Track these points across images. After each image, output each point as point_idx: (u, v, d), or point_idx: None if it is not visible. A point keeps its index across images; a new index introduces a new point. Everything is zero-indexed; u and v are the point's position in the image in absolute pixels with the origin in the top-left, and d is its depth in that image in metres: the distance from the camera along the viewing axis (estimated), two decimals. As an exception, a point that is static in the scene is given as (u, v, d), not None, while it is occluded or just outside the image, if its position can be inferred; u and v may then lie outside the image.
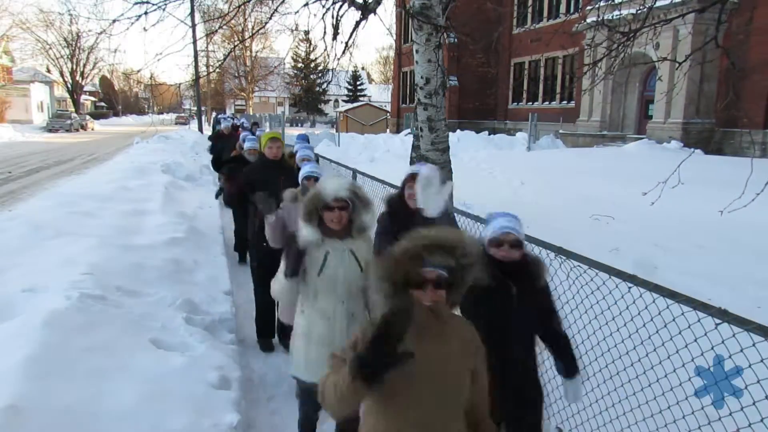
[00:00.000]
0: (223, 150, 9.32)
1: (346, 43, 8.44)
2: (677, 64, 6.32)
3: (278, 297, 2.92)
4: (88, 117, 51.74)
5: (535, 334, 2.51)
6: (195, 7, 21.78)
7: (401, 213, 3.38)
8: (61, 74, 57.26)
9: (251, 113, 43.71)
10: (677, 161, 5.33)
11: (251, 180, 4.71)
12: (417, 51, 7.36)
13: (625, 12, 15.04)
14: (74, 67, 57.19)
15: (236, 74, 49.88)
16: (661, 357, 2.76)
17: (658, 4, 7.62)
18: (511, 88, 31.85)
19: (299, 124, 61.80)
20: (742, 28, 16.74)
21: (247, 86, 50.25)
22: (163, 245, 6.02)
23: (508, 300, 2.34)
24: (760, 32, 16.72)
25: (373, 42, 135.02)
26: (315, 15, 10.49)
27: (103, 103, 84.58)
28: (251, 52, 46.77)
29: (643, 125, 22.08)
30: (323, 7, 8.03)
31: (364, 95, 67.48)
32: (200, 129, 32.01)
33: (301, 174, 3.93)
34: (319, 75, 52.53)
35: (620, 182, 11.46)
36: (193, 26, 21.24)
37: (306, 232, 2.60)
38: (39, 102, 52.44)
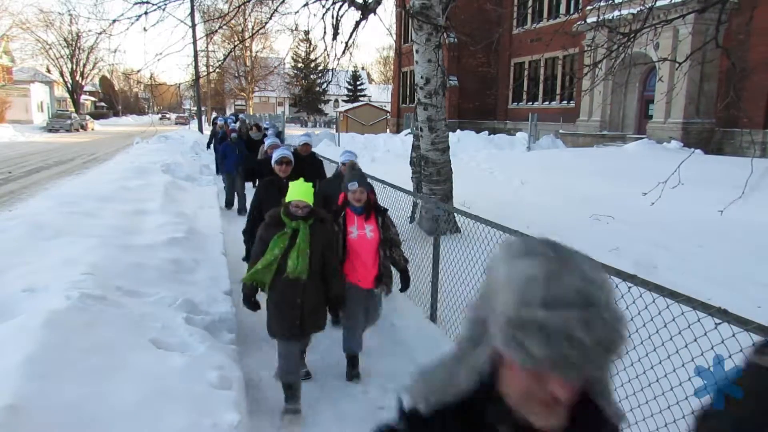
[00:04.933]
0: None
1: (346, 43, 8.46)
2: (677, 64, 6.33)
3: None
4: (88, 117, 51.71)
5: None
6: (195, 7, 21.80)
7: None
8: (61, 74, 57.25)
9: (251, 113, 43.72)
10: (677, 161, 5.34)
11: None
12: (417, 51, 7.36)
13: (625, 12, 15.08)
14: (74, 67, 57.19)
15: (236, 74, 49.89)
16: (661, 357, 2.76)
17: (658, 4, 7.63)
18: (511, 88, 31.83)
19: (302, 125, 61.90)
20: (742, 28, 16.73)
21: (247, 86, 50.27)
22: (163, 245, 6.02)
23: None
24: (760, 32, 16.71)
25: (373, 42, 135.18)
26: (315, 15, 10.53)
27: (103, 103, 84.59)
28: (251, 52, 46.77)
29: (643, 125, 22.07)
30: (323, 7, 8.04)
31: (364, 95, 67.48)
32: (200, 129, 32.03)
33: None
34: (319, 75, 52.54)
35: (620, 182, 11.46)
36: (193, 26, 21.27)
37: None
38: (39, 102, 52.44)
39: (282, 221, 3.42)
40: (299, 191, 3.39)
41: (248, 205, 9.98)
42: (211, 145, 15.15)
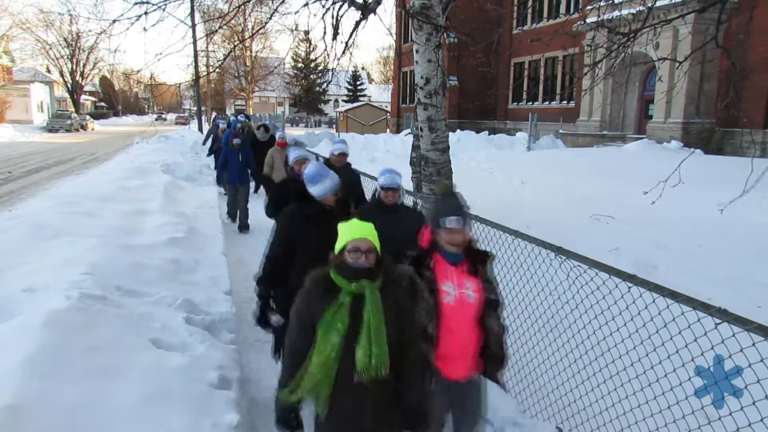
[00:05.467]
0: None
1: (346, 43, 8.45)
2: (677, 64, 6.32)
3: None
4: (88, 117, 51.74)
5: None
6: (195, 7, 21.78)
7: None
8: (61, 74, 57.26)
9: (252, 113, 43.73)
10: (677, 161, 5.34)
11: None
12: (417, 51, 7.36)
13: (625, 12, 15.06)
14: (74, 67, 57.21)
15: (236, 74, 49.88)
16: (661, 357, 2.76)
17: (658, 4, 7.63)
18: (511, 88, 31.83)
19: (293, 124, 61.96)
20: (742, 28, 16.73)
21: (247, 86, 50.26)
22: (163, 245, 6.02)
23: None
24: (760, 32, 16.71)
25: (373, 42, 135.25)
26: (315, 15, 10.50)
27: (103, 103, 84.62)
28: (251, 52, 46.76)
29: (643, 125, 22.07)
30: (323, 7, 8.03)
31: (364, 95, 67.52)
32: (200, 129, 32.05)
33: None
34: (319, 75, 52.55)
35: (620, 182, 11.46)
36: (193, 26, 21.26)
37: None
38: (39, 102, 52.45)
39: (333, 284, 2.14)
40: (359, 228, 2.17)
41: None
42: (211, 149, 14.52)
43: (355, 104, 44.61)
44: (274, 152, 8.30)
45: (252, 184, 9.27)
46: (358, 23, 8.23)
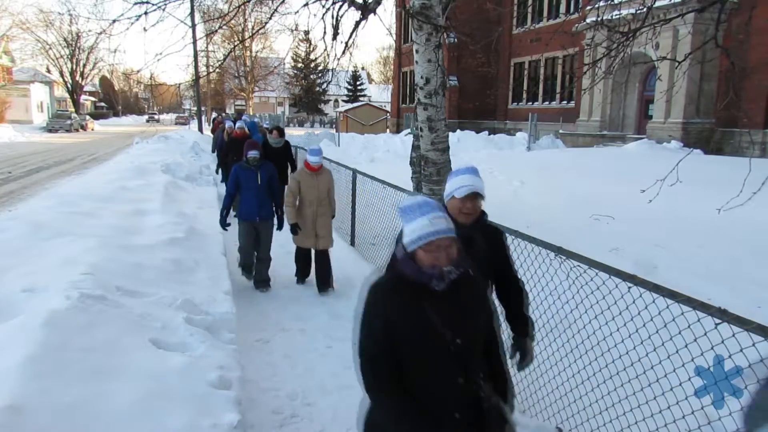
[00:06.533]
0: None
1: (346, 43, 8.44)
2: (677, 64, 6.32)
3: None
4: (88, 117, 51.77)
5: None
6: (195, 7, 21.81)
7: None
8: (61, 74, 57.28)
9: (252, 113, 43.74)
10: (677, 161, 5.34)
11: None
12: (417, 51, 7.36)
13: (624, 12, 15.07)
14: (74, 67, 57.24)
15: (236, 74, 49.91)
16: (661, 357, 2.76)
17: (657, 4, 7.62)
18: (511, 88, 31.86)
19: (300, 125, 61.95)
20: (741, 27, 16.74)
21: (247, 86, 50.28)
22: (163, 245, 6.01)
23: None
24: (760, 32, 16.72)
25: (373, 42, 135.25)
26: (315, 15, 10.49)
27: (103, 103, 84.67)
28: (251, 52, 46.78)
29: (643, 125, 22.08)
30: (323, 7, 8.03)
31: (364, 95, 67.57)
32: (200, 129, 32.06)
33: None
34: (319, 75, 52.59)
35: (620, 182, 11.46)
36: (193, 26, 21.28)
37: None
38: (39, 102, 52.47)
39: None
40: None
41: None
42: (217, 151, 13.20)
43: (355, 104, 44.64)
44: (303, 178, 5.99)
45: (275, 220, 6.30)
46: (358, 23, 8.22)
